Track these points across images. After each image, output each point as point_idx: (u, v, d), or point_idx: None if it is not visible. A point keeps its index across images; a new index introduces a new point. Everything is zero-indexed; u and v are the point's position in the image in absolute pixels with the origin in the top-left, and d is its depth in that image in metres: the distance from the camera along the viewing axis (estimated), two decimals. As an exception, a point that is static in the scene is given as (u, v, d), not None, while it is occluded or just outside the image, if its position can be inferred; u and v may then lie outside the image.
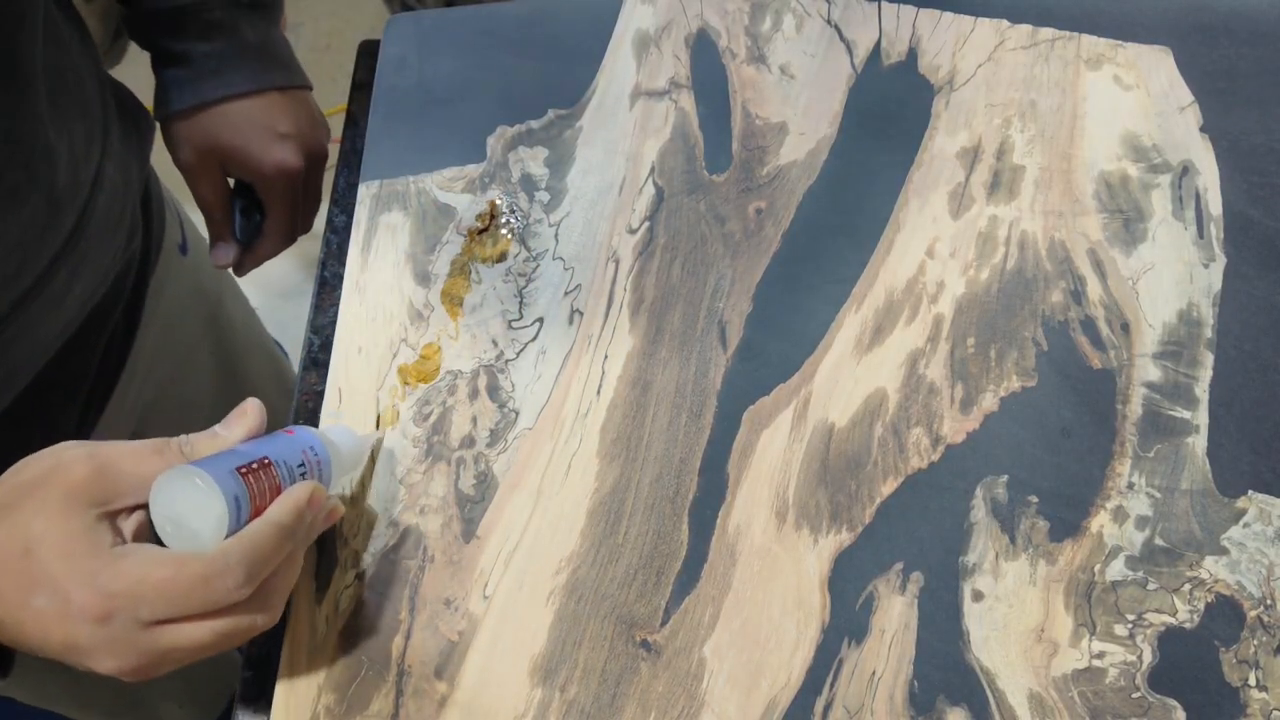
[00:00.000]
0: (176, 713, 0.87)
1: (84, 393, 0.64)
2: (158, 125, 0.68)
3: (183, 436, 0.43)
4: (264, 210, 0.70)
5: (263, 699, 0.49)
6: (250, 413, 0.45)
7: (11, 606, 0.38)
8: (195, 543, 0.39)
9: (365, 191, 0.58)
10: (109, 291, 0.63)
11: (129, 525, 0.41)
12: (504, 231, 0.56)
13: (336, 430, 0.48)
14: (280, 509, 0.41)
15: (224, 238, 0.71)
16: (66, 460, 0.40)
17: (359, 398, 0.53)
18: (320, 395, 0.54)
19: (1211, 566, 0.47)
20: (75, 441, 0.41)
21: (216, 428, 0.44)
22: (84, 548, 0.38)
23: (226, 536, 0.40)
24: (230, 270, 0.72)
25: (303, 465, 0.44)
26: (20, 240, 0.51)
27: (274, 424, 0.46)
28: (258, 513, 0.41)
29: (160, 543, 0.40)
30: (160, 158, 0.68)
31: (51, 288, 0.55)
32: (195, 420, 0.50)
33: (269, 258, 0.72)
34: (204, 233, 0.80)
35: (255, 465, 0.42)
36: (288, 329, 1.43)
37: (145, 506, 0.41)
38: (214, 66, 0.65)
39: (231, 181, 0.70)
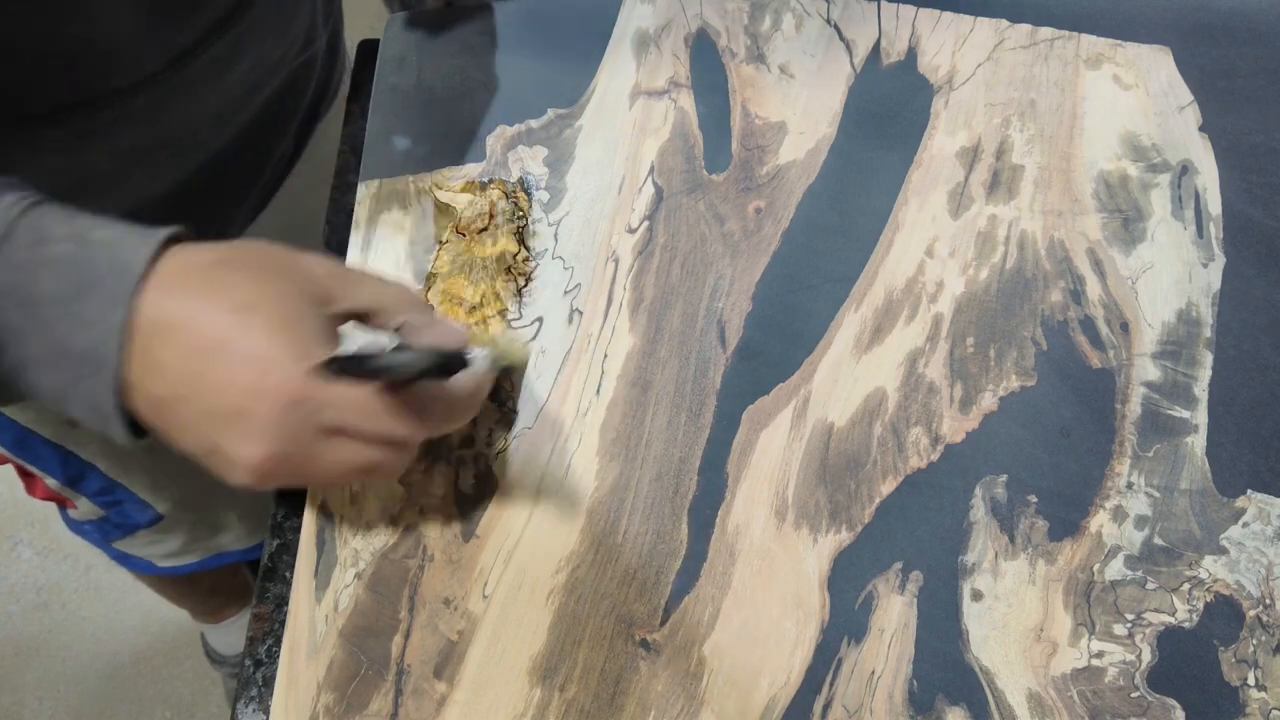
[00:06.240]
0: (235, 524, 0.87)
1: (253, 195, 0.67)
2: None
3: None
4: None
5: (262, 697, 0.49)
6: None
7: (204, 349, 0.38)
8: None
9: (365, 191, 0.58)
10: (281, 97, 0.64)
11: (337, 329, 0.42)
12: (503, 231, 0.56)
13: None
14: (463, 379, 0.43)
15: None
16: (308, 258, 0.41)
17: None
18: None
19: (1210, 566, 0.47)
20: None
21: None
22: (308, 331, 0.39)
23: None
24: None
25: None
26: None
27: None
28: None
29: None
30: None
31: (210, 54, 0.55)
32: None
33: None
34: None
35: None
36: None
37: (355, 317, 0.42)
38: None
39: None
